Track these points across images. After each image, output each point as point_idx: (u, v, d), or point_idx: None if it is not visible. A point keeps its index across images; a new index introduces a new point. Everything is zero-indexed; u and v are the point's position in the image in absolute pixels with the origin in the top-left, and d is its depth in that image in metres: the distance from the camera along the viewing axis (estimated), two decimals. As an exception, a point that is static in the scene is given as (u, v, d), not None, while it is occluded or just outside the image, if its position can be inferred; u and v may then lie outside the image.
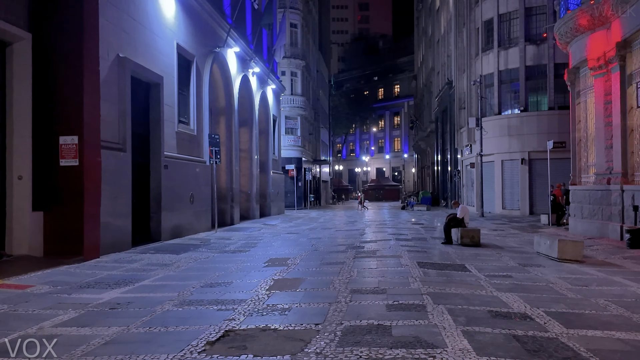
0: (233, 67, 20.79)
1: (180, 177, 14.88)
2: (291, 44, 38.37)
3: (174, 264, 9.74)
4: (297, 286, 7.13)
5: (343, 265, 9.05)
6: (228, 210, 20.30)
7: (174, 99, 14.66)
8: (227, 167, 20.36)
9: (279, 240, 14.21)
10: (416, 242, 12.95)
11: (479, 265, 9.00)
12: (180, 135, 15.15)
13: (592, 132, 15.02)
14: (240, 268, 9.08)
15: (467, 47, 31.11)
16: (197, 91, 16.55)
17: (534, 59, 26.71)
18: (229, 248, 12.36)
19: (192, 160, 15.95)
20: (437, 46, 45.29)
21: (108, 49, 11.23)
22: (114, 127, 11.34)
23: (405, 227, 18.66)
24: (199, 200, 16.29)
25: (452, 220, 12.47)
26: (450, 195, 37.89)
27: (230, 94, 20.52)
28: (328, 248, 11.98)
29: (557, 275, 8.09)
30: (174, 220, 14.30)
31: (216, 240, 14.14)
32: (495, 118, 27.81)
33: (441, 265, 9.01)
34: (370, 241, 13.50)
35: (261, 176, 26.99)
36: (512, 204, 27.34)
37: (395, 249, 11.42)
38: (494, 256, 10.39)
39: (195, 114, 16.37)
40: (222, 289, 7.09)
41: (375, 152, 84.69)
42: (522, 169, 26.80)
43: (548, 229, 17.76)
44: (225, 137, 20.39)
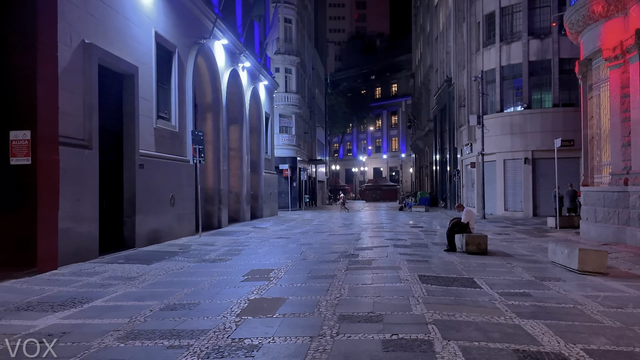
0: (221, 61, 19.55)
1: (159, 177, 13.64)
2: (285, 39, 37.11)
3: (140, 276, 8.51)
4: (276, 309, 5.92)
5: (333, 279, 7.83)
6: (215, 213, 19.06)
7: (151, 92, 13.42)
8: (214, 166, 19.12)
9: (266, 247, 12.99)
10: (416, 249, 11.75)
11: (490, 280, 7.80)
12: (159, 131, 13.90)
13: (606, 128, 13.84)
14: (214, 283, 7.85)
15: (467, 42, 29.94)
16: (179, 84, 15.31)
17: (537, 53, 25.54)
18: (209, 256, 11.13)
19: (173, 159, 14.71)
20: (435, 43, 44.15)
21: (71, 33, 9.99)
22: (77, 121, 10.10)
23: (404, 231, 17.46)
24: (181, 202, 15.05)
25: (455, 225, 11.26)
26: (450, 196, 36.74)
27: (218, 89, 19.28)
28: (319, 256, 10.76)
29: (583, 293, 6.90)
30: (151, 224, 13.06)
31: (198, 247, 12.91)
32: (497, 116, 26.63)
33: (446, 279, 7.80)
34: (365, 248, 12.29)
35: (252, 176, 25.75)
36: (515, 206, 26.17)
37: (393, 258, 10.21)
38: (505, 267, 9.19)
39: (177, 109, 15.13)
40: (184, 313, 5.87)
41: (373, 152, 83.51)
42: (525, 169, 25.63)
43: (556, 233, 16.59)
44: (212, 134, 19.16)
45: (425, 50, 52.17)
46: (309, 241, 14.19)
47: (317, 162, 49.76)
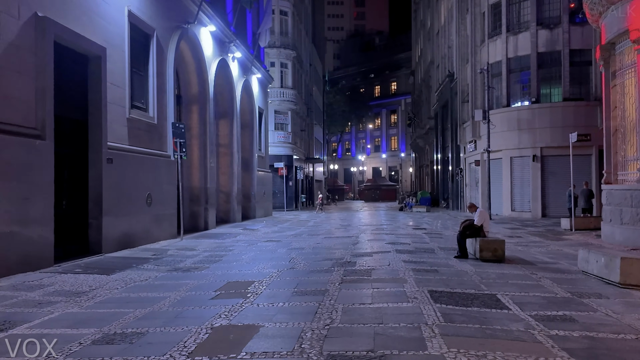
0: (208, 49, 18.07)
1: (132, 174, 12.16)
2: (281, 32, 35.64)
3: (92, 291, 7.04)
4: (243, 344, 4.45)
5: (324, 296, 6.37)
6: (201, 214, 17.57)
7: (124, 77, 11.94)
8: (200, 163, 17.64)
9: (252, 252, 11.51)
10: (422, 256, 10.28)
11: (517, 297, 6.34)
12: (133, 123, 12.42)
13: (633, 119, 12.38)
14: (177, 301, 6.38)
15: (471, 34, 28.47)
16: (158, 72, 13.83)
17: (547, 44, 24.08)
18: (184, 264, 9.66)
19: (150, 153, 13.23)
20: (436, 38, 42.72)
21: (19, 3, 8.53)
22: (27, 108, 8.63)
23: (406, 233, 16.00)
24: (159, 202, 13.57)
25: (468, 228, 9.78)
26: (452, 195, 35.27)
27: (205, 80, 17.79)
28: (310, 264, 9.29)
29: (638, 316, 5.45)
30: (122, 226, 11.57)
31: (175, 252, 11.44)
32: (503, 110, 25.18)
33: (464, 297, 6.33)
34: (364, 253, 10.82)
35: (244, 174, 24.28)
36: (522, 206, 24.71)
37: (396, 267, 8.75)
38: (530, 279, 7.73)
39: (155, 98, 13.65)
40: (120, 349, 4.40)
41: (372, 151, 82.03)
42: (534, 167, 24.18)
43: (573, 236, 15.14)
44: (198, 128, 17.68)
45: (426, 46, 50.75)
46: (301, 245, 12.72)
47: (314, 160, 48.26)
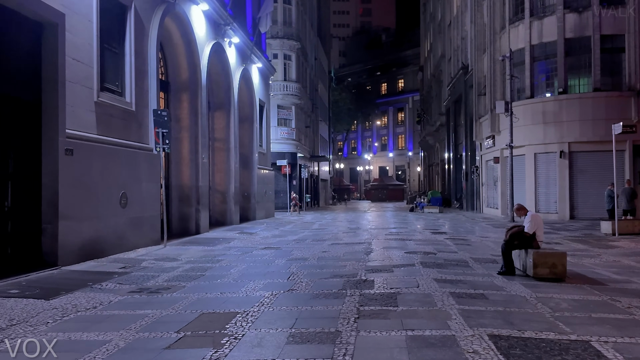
0: (200, 30, 16.05)
1: (101, 169, 10.14)
2: (284, 22, 33.56)
3: (8, 329, 5.01)
4: None
5: (334, 346, 4.30)
6: (192, 215, 15.52)
7: (90, 53, 9.91)
8: (191, 158, 15.60)
9: (243, 264, 9.45)
10: (455, 271, 8.18)
11: (623, 347, 4.24)
12: (104, 108, 10.40)
13: None
14: (117, 351, 4.33)
15: (489, 21, 26.29)
16: (137, 50, 11.80)
17: (575, 30, 21.88)
18: (154, 282, 7.61)
19: (126, 145, 11.20)
20: (448, 30, 40.54)
21: None
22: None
23: (426, 239, 13.86)
24: (137, 203, 11.54)
25: (516, 236, 7.66)
26: (466, 195, 33.08)
27: (196, 65, 15.74)
28: (314, 284, 7.22)
29: None
30: (86, 232, 9.55)
31: (151, 263, 9.42)
32: (526, 102, 23.00)
33: (544, 348, 4.24)
34: (382, 267, 8.73)
35: (244, 172, 22.26)
36: (548, 207, 22.52)
37: (427, 289, 6.66)
38: (618, 310, 5.60)
39: (133, 81, 11.61)
40: None
41: (378, 150, 79.86)
42: (561, 164, 22.01)
43: (621, 242, 12.96)
44: (189, 119, 15.65)
45: (436, 40, 48.57)
46: (303, 254, 10.64)
47: (319, 159, 46.11)
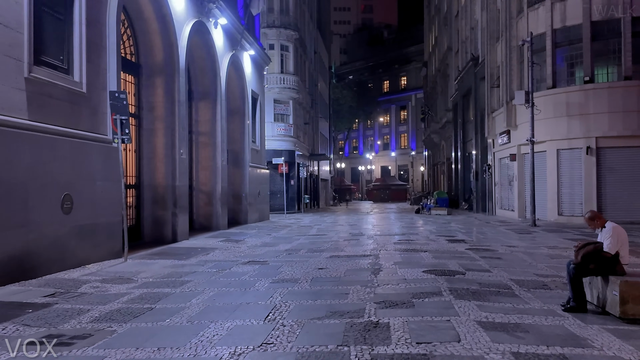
0: (178, 5, 13.80)
1: (33, 164, 7.87)
2: (281, 11, 31.29)
3: None
4: None
5: None
6: (168, 220, 13.23)
7: (19, 15, 7.62)
8: (167, 154, 13.34)
9: (213, 289, 7.16)
10: (503, 306, 5.89)
11: None
12: (39, 86, 8.13)
13: None
14: None
15: (504, 6, 23.99)
16: (89, 18, 9.52)
17: (602, 11, 19.55)
18: (72, 325, 5.31)
19: (72, 135, 8.93)
20: (455, 21, 38.29)
21: None
22: None
23: (444, 251, 11.49)
24: (88, 207, 9.27)
25: (590, 257, 5.36)
26: (477, 196, 30.74)
27: (172, 44, 13.47)
28: (302, 330, 4.95)
29: None
30: (10, 246, 7.28)
31: (91, 288, 7.15)
32: (547, 93, 20.70)
33: None
34: (397, 299, 6.42)
35: (234, 171, 20.03)
36: (573, 209, 20.20)
37: (475, 345, 4.39)
38: None
39: (84, 56, 9.33)
40: None
41: (380, 149, 77.56)
42: (587, 161, 19.71)
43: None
44: (164, 108, 13.39)
45: (442, 33, 46.31)
46: (294, 274, 8.35)
47: (319, 157, 43.77)
